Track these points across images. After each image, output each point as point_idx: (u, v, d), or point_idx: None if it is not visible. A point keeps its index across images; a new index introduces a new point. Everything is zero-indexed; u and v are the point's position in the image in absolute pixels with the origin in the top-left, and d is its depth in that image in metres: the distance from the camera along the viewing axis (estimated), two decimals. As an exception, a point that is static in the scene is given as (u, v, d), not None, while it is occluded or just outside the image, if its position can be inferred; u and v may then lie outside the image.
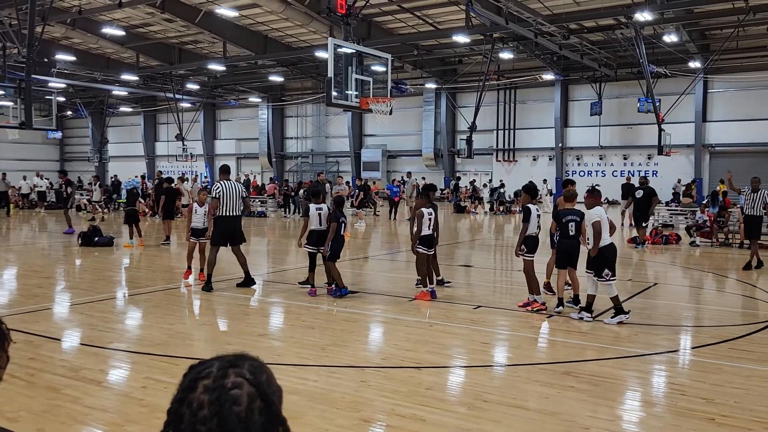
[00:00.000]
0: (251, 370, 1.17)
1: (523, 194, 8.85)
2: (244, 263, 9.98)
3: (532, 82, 38.12)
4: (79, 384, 5.33)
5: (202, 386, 1.13)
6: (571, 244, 8.21)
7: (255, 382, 1.15)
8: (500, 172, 40.03)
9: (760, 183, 13.15)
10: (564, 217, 8.21)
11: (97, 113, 50.41)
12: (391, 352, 6.55)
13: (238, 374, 1.15)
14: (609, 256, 7.75)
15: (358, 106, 14.92)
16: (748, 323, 7.89)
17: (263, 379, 1.17)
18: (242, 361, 1.19)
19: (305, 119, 48.73)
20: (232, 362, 1.18)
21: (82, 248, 15.08)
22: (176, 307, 8.74)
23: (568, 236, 8.16)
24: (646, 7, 22.79)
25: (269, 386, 1.17)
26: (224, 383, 1.13)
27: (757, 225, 13.06)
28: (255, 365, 1.19)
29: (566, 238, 8.18)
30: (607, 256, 7.74)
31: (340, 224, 9.29)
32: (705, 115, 35.23)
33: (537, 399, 5.05)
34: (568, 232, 8.14)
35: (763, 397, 5.14)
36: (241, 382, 1.14)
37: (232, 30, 31.81)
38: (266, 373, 1.20)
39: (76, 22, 30.58)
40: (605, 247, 7.76)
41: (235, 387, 1.13)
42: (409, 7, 28.40)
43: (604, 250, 7.75)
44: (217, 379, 1.13)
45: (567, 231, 8.15)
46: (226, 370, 1.15)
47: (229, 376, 1.14)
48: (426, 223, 9.19)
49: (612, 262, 7.75)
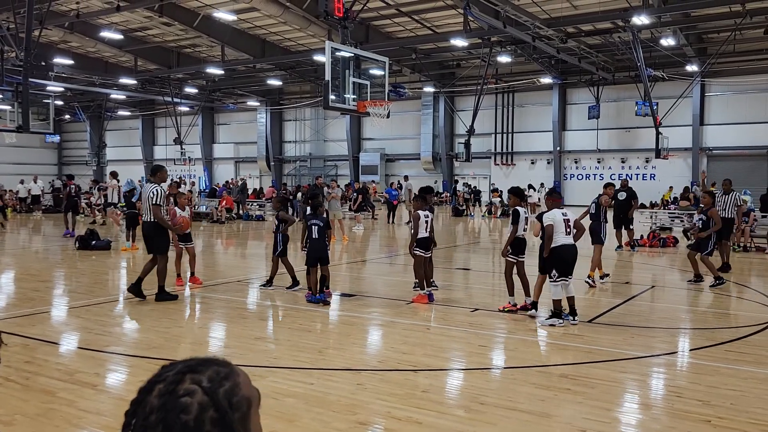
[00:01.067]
0: (212, 377, 1.09)
1: (511, 197, 8.83)
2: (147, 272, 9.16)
3: (530, 86, 38.19)
4: (74, 387, 5.31)
5: (157, 389, 1.07)
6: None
7: (210, 390, 1.07)
8: (498, 176, 40.06)
9: (731, 185, 13.23)
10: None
11: (95, 117, 50.41)
12: (388, 355, 6.54)
13: (194, 380, 1.07)
14: (561, 258, 7.70)
15: (356, 110, 14.95)
16: (745, 325, 7.89)
17: (222, 388, 1.08)
18: (206, 366, 1.11)
19: (304, 123, 48.77)
20: (192, 367, 1.10)
21: (79, 252, 15.06)
22: (173, 311, 8.72)
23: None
24: (644, 10, 22.85)
25: (229, 396, 1.08)
26: (176, 389, 1.06)
27: (727, 227, 12.97)
28: (220, 372, 1.11)
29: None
30: (559, 257, 7.71)
31: (310, 227, 9.11)
32: (702, 119, 35.30)
33: (533, 402, 5.04)
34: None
35: (759, 399, 5.14)
36: (194, 390, 1.06)
37: (230, 34, 31.86)
38: (232, 382, 1.11)
39: (74, 25, 30.63)
40: (558, 247, 7.72)
41: (186, 394, 1.05)
42: (407, 10, 28.46)
43: (558, 251, 7.72)
44: (170, 384, 1.07)
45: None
46: (183, 375, 1.08)
47: (184, 382, 1.07)
48: (423, 226, 9.17)
49: (564, 263, 7.69)
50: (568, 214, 7.92)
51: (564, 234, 7.76)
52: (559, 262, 7.70)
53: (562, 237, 7.74)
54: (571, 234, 7.84)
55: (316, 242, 9.06)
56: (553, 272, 7.71)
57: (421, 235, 9.15)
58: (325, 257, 9.07)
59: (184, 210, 10.59)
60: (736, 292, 10.79)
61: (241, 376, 1.14)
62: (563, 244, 7.73)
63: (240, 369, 1.16)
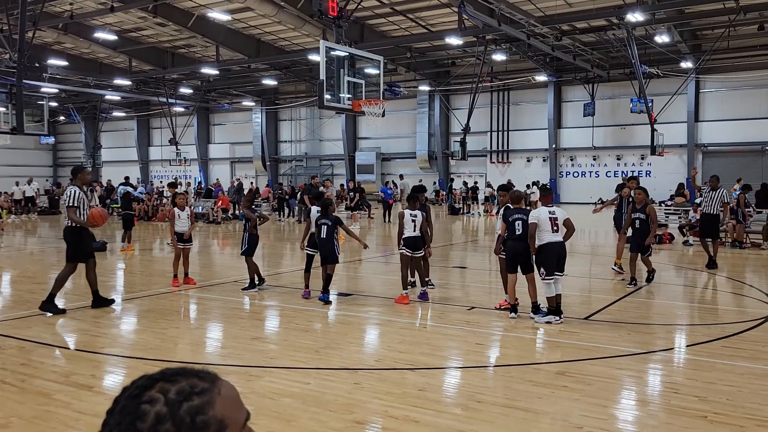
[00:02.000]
0: (183, 389, 1.03)
1: (502, 195, 8.74)
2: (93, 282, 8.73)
3: (525, 84, 38.23)
4: (70, 389, 5.30)
5: (126, 393, 1.05)
6: (516, 246, 7.98)
7: (173, 402, 1.01)
8: (494, 174, 40.08)
9: (718, 182, 13.17)
10: (511, 217, 8.06)
11: (89, 118, 50.30)
12: (385, 354, 6.54)
13: (162, 390, 1.02)
14: (547, 255, 7.72)
15: (351, 109, 14.94)
16: (741, 321, 7.92)
17: (188, 403, 1.01)
18: (182, 377, 1.05)
19: (299, 122, 48.72)
20: (168, 376, 1.05)
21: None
22: (169, 312, 8.70)
23: (514, 237, 7.97)
24: (638, 7, 22.89)
25: (193, 413, 1.01)
26: (140, 394, 1.02)
27: (714, 223, 13.01)
28: (195, 386, 1.04)
29: (512, 239, 7.99)
30: (546, 254, 7.73)
31: (319, 226, 9.15)
32: (697, 115, 35.39)
33: (530, 399, 5.05)
34: (515, 232, 7.97)
35: (754, 394, 5.15)
36: (157, 399, 1.01)
37: (224, 34, 31.80)
38: (203, 399, 1.03)
39: (67, 26, 30.53)
40: (544, 245, 7.74)
41: (147, 402, 1.01)
42: (402, 9, 28.44)
43: (544, 248, 7.75)
44: (137, 388, 1.03)
45: (514, 230, 7.99)
46: (155, 381, 1.04)
47: (152, 389, 1.02)
48: (410, 225, 8.95)
49: (550, 260, 7.70)
50: (557, 212, 7.89)
51: (550, 232, 7.76)
52: (545, 259, 7.72)
53: (548, 235, 7.75)
54: (559, 232, 7.82)
55: (325, 241, 9.03)
56: (542, 270, 7.74)
57: (407, 234, 8.95)
58: (331, 257, 9.00)
59: (184, 210, 10.53)
60: (731, 287, 10.82)
61: (221, 395, 1.05)
62: (549, 242, 7.73)
63: (228, 388, 1.07)
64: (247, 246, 9.99)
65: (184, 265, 10.55)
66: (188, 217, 10.64)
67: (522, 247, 7.92)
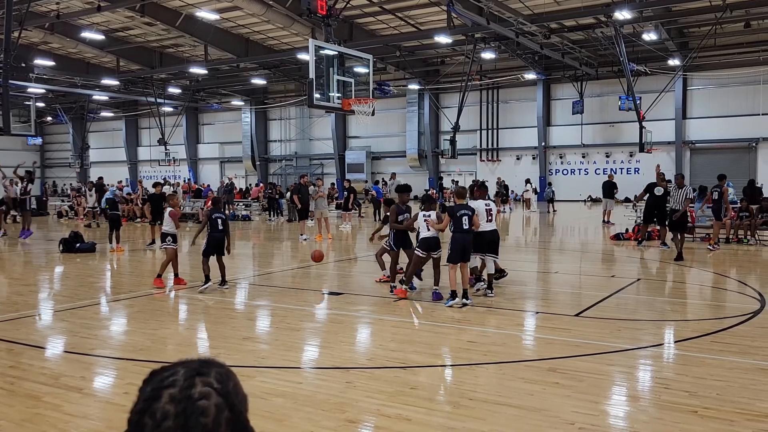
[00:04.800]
0: (218, 378, 1.10)
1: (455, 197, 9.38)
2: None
3: (514, 82, 38.35)
4: (60, 392, 5.26)
5: (167, 395, 1.06)
6: (464, 238, 8.57)
7: (223, 392, 1.08)
8: (484, 172, 40.20)
9: (684, 180, 13.90)
10: (458, 212, 8.58)
11: (77, 118, 49.93)
12: (377, 353, 6.53)
13: (206, 383, 1.08)
14: (481, 240, 9.01)
15: (341, 108, 14.91)
16: (730, 316, 7.98)
17: (230, 389, 1.10)
18: (209, 368, 1.12)
19: (289, 122, 48.62)
20: (198, 370, 1.10)
21: (63, 255, 14.90)
22: (160, 312, 8.66)
23: (461, 230, 8.53)
24: (625, 5, 23.01)
25: (236, 396, 1.11)
26: (191, 393, 1.06)
27: (681, 220, 13.57)
28: (222, 373, 1.12)
29: (459, 231, 8.54)
30: (480, 239, 8.99)
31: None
32: (685, 112, 35.65)
33: (522, 396, 5.06)
34: (462, 226, 8.52)
35: (744, 388, 5.19)
36: (209, 392, 1.07)
37: (213, 33, 31.66)
38: (233, 381, 1.13)
39: (54, 26, 30.29)
40: (480, 232, 8.94)
41: (203, 397, 1.06)
42: (391, 8, 28.44)
43: (480, 234, 8.98)
44: (183, 389, 1.06)
45: (461, 225, 8.52)
46: (193, 378, 1.08)
47: (197, 386, 1.07)
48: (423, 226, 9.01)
49: (483, 244, 9.08)
50: (491, 204, 9.50)
51: (485, 221, 9.14)
52: (479, 243, 9.00)
53: (483, 223, 9.09)
54: (492, 221, 9.27)
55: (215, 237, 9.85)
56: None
57: (423, 235, 9.05)
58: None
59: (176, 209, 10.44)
60: (720, 283, 10.90)
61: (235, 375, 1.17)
62: (484, 230, 9.06)
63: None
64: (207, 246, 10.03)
65: (173, 266, 10.47)
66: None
67: (470, 239, 8.68)
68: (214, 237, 9.90)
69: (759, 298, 9.09)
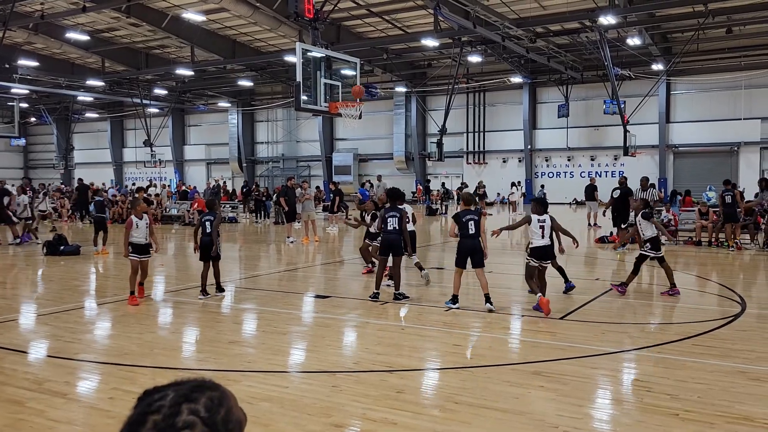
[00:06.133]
0: (208, 405, 1.07)
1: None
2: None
3: (500, 85, 38.57)
4: (43, 397, 5.22)
5: (151, 422, 1.03)
6: (472, 243, 8.57)
7: (210, 421, 1.04)
8: (471, 175, 40.35)
9: (648, 183, 13.98)
10: (464, 217, 8.63)
11: (62, 119, 49.49)
12: (363, 356, 6.55)
13: (192, 411, 1.05)
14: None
15: (328, 111, 14.93)
16: (711, 319, 8.09)
17: (220, 417, 1.06)
18: (200, 393, 1.08)
19: (276, 124, 48.51)
20: (187, 396, 1.07)
21: (47, 257, 14.78)
22: (145, 316, 8.61)
23: (468, 235, 8.56)
24: (610, 10, 23.23)
25: (226, 424, 1.07)
26: (175, 422, 1.02)
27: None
28: (214, 398, 1.09)
29: (466, 237, 8.59)
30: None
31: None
32: (668, 116, 36.04)
33: (507, 399, 5.11)
34: (468, 231, 8.56)
35: (724, 391, 5.28)
36: (194, 422, 1.03)
37: (199, 34, 31.54)
38: (225, 407, 1.09)
39: (38, 26, 30.02)
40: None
41: (186, 427, 1.02)
42: (378, 11, 28.50)
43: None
44: (167, 417, 1.03)
45: (467, 230, 8.57)
46: (179, 405, 1.05)
47: (182, 413, 1.04)
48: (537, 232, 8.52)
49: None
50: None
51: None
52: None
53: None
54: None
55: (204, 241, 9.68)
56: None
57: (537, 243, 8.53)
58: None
59: (142, 219, 9.17)
60: (703, 286, 11.04)
61: (231, 398, 1.13)
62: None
63: (228, 390, 1.14)
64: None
65: (142, 277, 9.40)
66: (147, 226, 9.26)
67: (476, 244, 8.54)
68: (203, 241, 9.74)
69: (740, 301, 9.22)
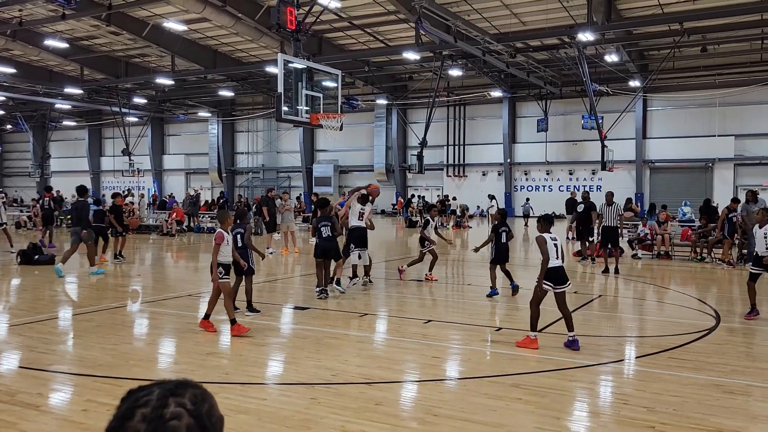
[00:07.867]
0: (193, 399, 1.12)
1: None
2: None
3: (480, 99, 38.91)
4: (15, 409, 5.12)
5: (139, 414, 1.08)
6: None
7: (195, 413, 1.10)
8: (451, 187, 40.55)
9: (613, 197, 14.71)
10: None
11: (38, 127, 48.82)
12: (342, 368, 6.52)
13: (179, 404, 1.10)
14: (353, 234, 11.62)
15: (309, 122, 14.91)
16: (687, 333, 8.19)
17: (204, 410, 1.12)
18: (184, 389, 1.14)
19: (256, 134, 48.36)
20: (173, 390, 1.12)
21: (21, 266, 14.52)
22: (121, 327, 8.49)
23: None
24: (588, 27, 23.61)
25: (210, 417, 1.12)
26: (163, 413, 1.08)
27: (613, 235, 14.35)
28: (197, 394, 1.14)
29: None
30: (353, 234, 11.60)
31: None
32: (645, 132, 36.64)
33: (485, 412, 5.12)
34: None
35: (699, 404, 5.35)
36: (181, 413, 1.09)
37: (180, 44, 31.38)
38: (208, 403, 1.15)
39: (16, 33, 29.63)
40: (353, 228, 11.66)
41: (174, 418, 1.08)
42: (360, 23, 28.64)
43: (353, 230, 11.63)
44: (155, 408, 1.08)
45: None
46: (166, 399, 1.10)
47: (169, 406, 1.09)
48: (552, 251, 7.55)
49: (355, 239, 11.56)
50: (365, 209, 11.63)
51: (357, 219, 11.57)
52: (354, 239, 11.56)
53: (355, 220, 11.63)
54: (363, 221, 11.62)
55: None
56: (351, 245, 11.56)
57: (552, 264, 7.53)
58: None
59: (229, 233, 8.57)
60: (680, 300, 11.18)
61: (213, 397, 1.18)
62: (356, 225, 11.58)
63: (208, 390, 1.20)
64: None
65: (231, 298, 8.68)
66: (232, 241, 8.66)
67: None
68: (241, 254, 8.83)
69: (714, 315, 9.36)
